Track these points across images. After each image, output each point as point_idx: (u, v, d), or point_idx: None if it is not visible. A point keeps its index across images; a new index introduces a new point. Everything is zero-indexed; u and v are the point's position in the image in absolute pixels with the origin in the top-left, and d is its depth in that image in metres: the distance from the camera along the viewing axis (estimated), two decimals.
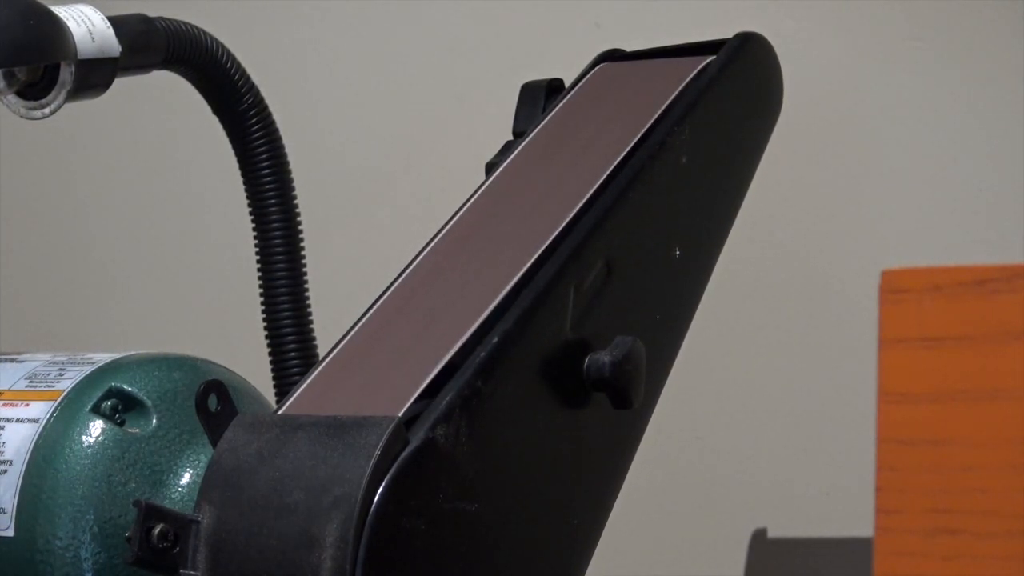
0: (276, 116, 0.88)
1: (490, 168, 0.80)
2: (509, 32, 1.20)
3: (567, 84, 0.85)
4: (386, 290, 0.73)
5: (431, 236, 0.75)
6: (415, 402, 0.65)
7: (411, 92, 1.23)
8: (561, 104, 0.83)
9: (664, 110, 0.79)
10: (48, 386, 0.76)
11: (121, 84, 0.82)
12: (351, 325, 0.71)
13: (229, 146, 0.88)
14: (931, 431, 0.71)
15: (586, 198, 0.74)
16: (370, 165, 1.25)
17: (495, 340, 0.66)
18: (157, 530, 0.63)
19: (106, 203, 1.35)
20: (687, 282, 0.79)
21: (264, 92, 0.88)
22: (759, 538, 1.11)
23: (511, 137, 0.83)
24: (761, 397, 1.12)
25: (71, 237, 1.36)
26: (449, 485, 0.63)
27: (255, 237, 0.88)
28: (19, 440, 0.75)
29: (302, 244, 0.88)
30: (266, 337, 0.88)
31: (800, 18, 1.10)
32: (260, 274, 0.88)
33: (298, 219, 0.88)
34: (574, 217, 0.73)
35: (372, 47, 1.25)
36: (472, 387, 0.64)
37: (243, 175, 0.88)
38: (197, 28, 0.85)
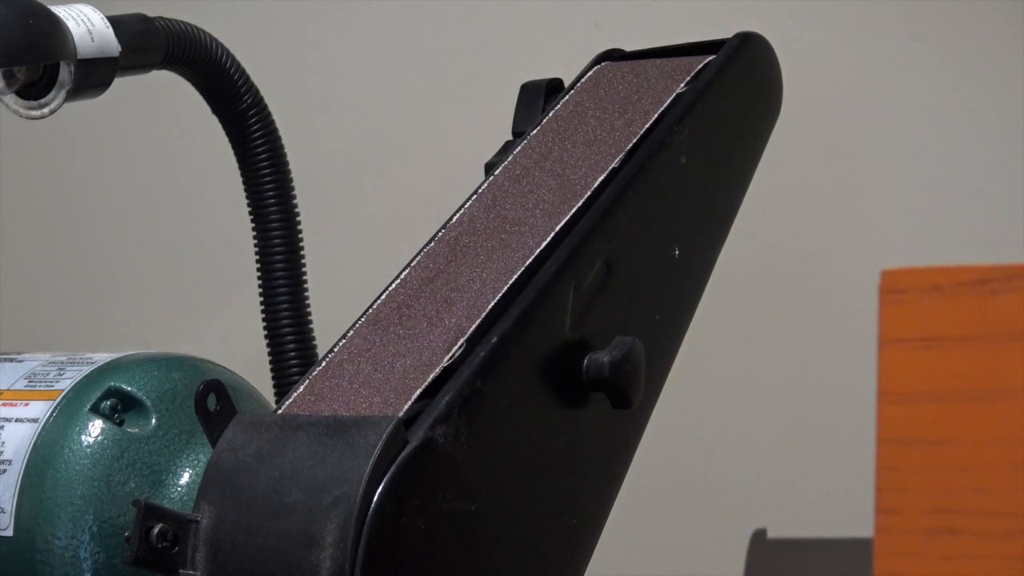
0: (276, 116, 0.88)
1: (489, 168, 0.80)
2: (509, 32, 1.20)
3: (567, 84, 0.85)
4: (385, 289, 0.73)
5: (430, 236, 0.75)
6: (415, 402, 0.65)
7: (411, 92, 1.23)
8: (560, 104, 0.83)
9: (663, 110, 0.79)
10: (47, 386, 0.76)
11: (121, 84, 0.82)
12: (350, 325, 0.71)
13: (229, 146, 0.88)
14: (931, 431, 0.71)
15: (585, 198, 0.74)
16: (369, 165, 1.25)
17: (494, 340, 0.66)
18: (156, 530, 0.63)
19: (106, 203, 1.35)
20: (687, 282, 0.79)
21: (264, 92, 0.88)
22: (759, 538, 1.11)
23: (510, 137, 0.83)
24: (761, 397, 1.12)
25: (71, 237, 1.36)
26: (448, 485, 0.63)
27: (255, 237, 0.88)
28: (18, 440, 0.75)
29: (302, 244, 0.88)
30: (265, 337, 0.88)
31: (800, 18, 1.10)
32: (260, 274, 0.88)
33: (298, 219, 0.88)
34: (573, 217, 0.73)
35: (372, 47, 1.25)
36: (471, 387, 0.64)
37: (243, 175, 0.88)
38: (197, 28, 0.85)
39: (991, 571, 0.69)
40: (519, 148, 0.80)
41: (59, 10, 0.78)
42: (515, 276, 0.70)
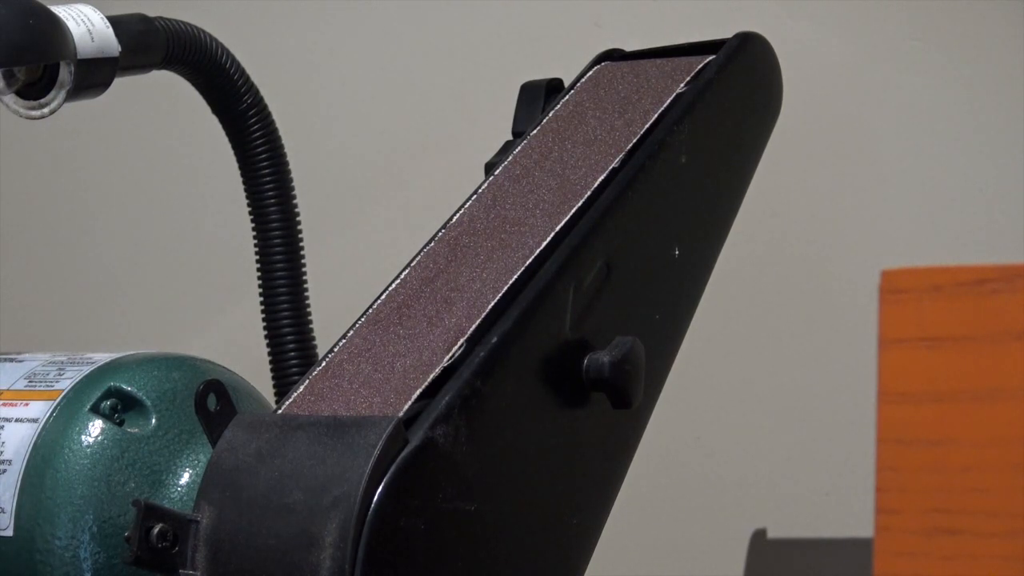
0: (276, 116, 0.88)
1: (489, 168, 0.80)
2: (509, 32, 1.20)
3: (567, 84, 0.85)
4: (385, 289, 0.73)
5: (430, 236, 0.75)
6: (415, 402, 0.65)
7: (411, 92, 1.23)
8: (560, 104, 0.83)
9: (663, 110, 0.79)
10: (47, 386, 0.76)
11: (121, 84, 0.82)
12: (350, 325, 0.71)
13: (229, 146, 0.88)
14: (931, 431, 0.71)
15: (585, 198, 0.74)
16: (369, 165, 1.25)
17: (494, 340, 0.66)
18: (156, 530, 0.63)
19: (106, 203, 1.35)
20: (687, 282, 0.79)
21: (264, 92, 0.88)
22: (759, 538, 1.11)
23: (510, 137, 0.83)
24: (761, 397, 1.12)
25: (71, 237, 1.36)
26: (448, 485, 0.63)
27: (255, 237, 0.88)
28: (18, 440, 0.75)
29: (302, 244, 0.88)
30: (265, 337, 0.88)
31: (800, 18, 1.10)
32: (260, 274, 0.88)
33: (298, 219, 0.88)
34: (573, 217, 0.73)
35: (372, 47, 1.25)
36: (471, 387, 0.64)
37: (243, 175, 0.88)
38: (197, 28, 0.85)
39: (991, 571, 0.69)
40: (519, 148, 0.80)
41: (59, 10, 0.78)
42: (515, 276, 0.70)
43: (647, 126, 0.78)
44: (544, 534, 0.69)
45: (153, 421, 0.75)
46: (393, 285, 0.73)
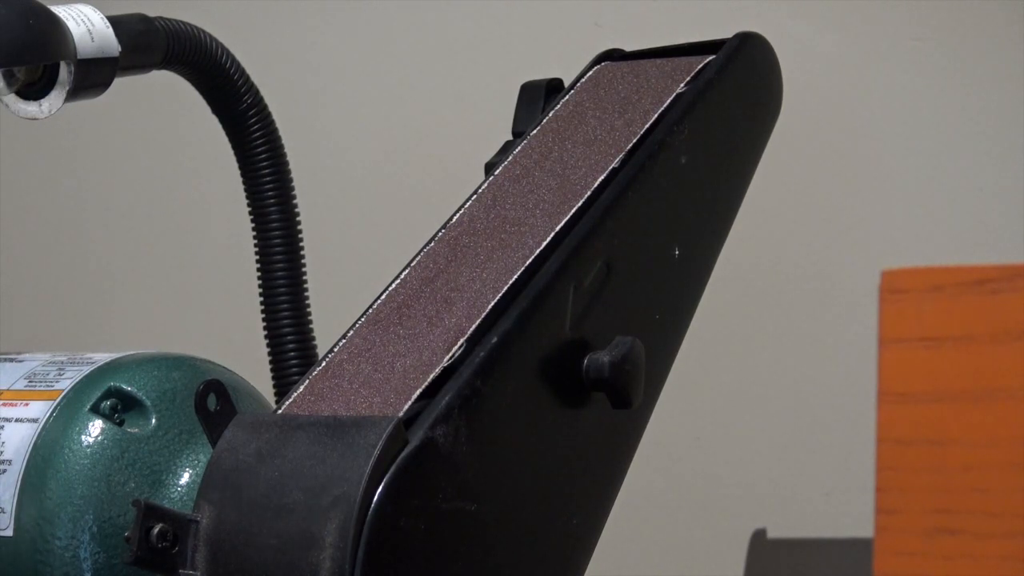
0: (276, 116, 0.88)
1: (489, 168, 0.80)
2: (509, 32, 1.20)
3: (567, 84, 0.85)
4: (385, 289, 0.73)
5: (430, 236, 0.75)
6: (415, 402, 0.65)
7: (411, 92, 1.23)
8: (560, 104, 0.83)
9: (663, 110, 0.79)
10: (47, 386, 0.76)
11: (121, 84, 0.82)
12: (350, 325, 0.71)
13: (229, 146, 0.88)
14: (931, 431, 0.71)
15: (585, 198, 0.74)
16: (370, 165, 1.25)
17: (494, 340, 0.66)
18: (156, 530, 0.63)
19: (106, 203, 1.35)
20: (687, 282, 0.79)
21: (264, 92, 0.88)
22: (759, 538, 1.11)
23: (510, 137, 0.83)
24: (761, 397, 1.12)
25: (71, 237, 1.36)
26: (448, 485, 0.63)
27: (255, 237, 0.88)
28: (18, 440, 0.75)
29: (302, 244, 0.88)
30: (265, 337, 0.88)
31: (800, 18, 1.10)
32: (260, 274, 0.88)
33: (298, 219, 0.88)
34: (573, 217, 0.73)
35: (372, 47, 1.25)
36: (471, 387, 0.64)
37: (243, 175, 0.88)
38: (197, 28, 0.85)
39: (991, 571, 0.69)
40: (519, 148, 0.80)
41: (59, 10, 0.78)
42: (515, 276, 0.70)
43: (647, 126, 0.78)
44: (544, 534, 0.69)
45: (153, 421, 0.75)
46: (393, 285, 0.73)
